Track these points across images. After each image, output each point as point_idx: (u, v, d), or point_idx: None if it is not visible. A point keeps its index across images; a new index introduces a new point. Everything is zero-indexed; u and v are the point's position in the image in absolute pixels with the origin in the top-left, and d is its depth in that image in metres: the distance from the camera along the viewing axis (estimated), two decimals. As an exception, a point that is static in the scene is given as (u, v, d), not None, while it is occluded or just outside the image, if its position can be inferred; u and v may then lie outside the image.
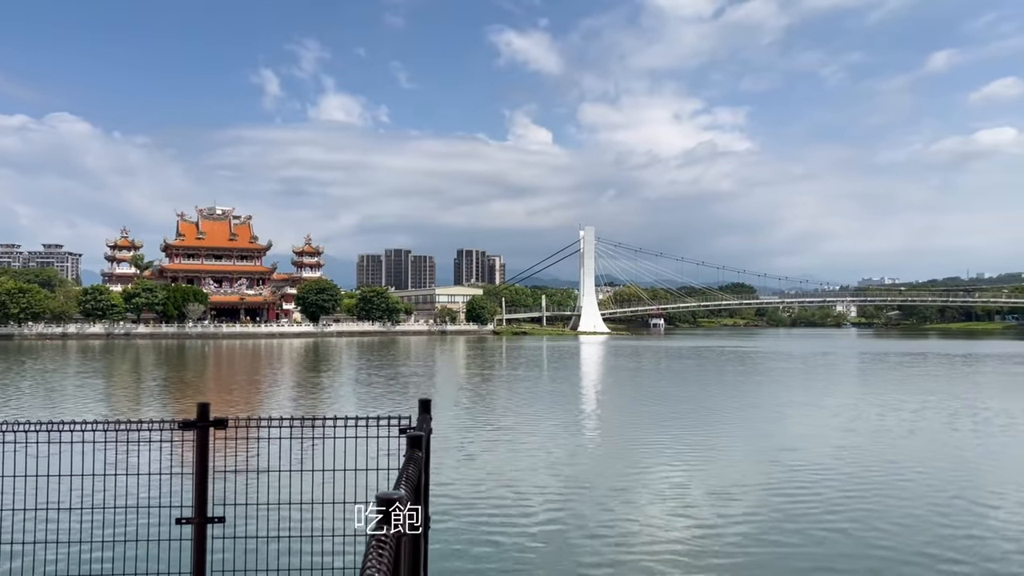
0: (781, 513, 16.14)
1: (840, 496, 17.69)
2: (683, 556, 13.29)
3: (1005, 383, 51.41)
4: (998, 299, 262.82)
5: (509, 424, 30.55)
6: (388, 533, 3.31)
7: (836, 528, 15.02)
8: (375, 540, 3.20)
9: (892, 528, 15.01)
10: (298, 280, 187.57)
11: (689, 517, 15.85)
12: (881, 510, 16.40)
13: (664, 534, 14.70)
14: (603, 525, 15.29)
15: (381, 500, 3.51)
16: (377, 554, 3.10)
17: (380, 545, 3.17)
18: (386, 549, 3.14)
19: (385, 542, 3.20)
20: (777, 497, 17.55)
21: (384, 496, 3.53)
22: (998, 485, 19.11)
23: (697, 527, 15.08)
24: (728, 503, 16.96)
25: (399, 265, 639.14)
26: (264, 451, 8.15)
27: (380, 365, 70.96)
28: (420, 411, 7.10)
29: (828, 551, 13.62)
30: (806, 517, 15.83)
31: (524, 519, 15.70)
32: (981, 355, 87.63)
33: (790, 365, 72.06)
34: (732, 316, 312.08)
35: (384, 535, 3.26)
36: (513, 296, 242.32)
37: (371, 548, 3.13)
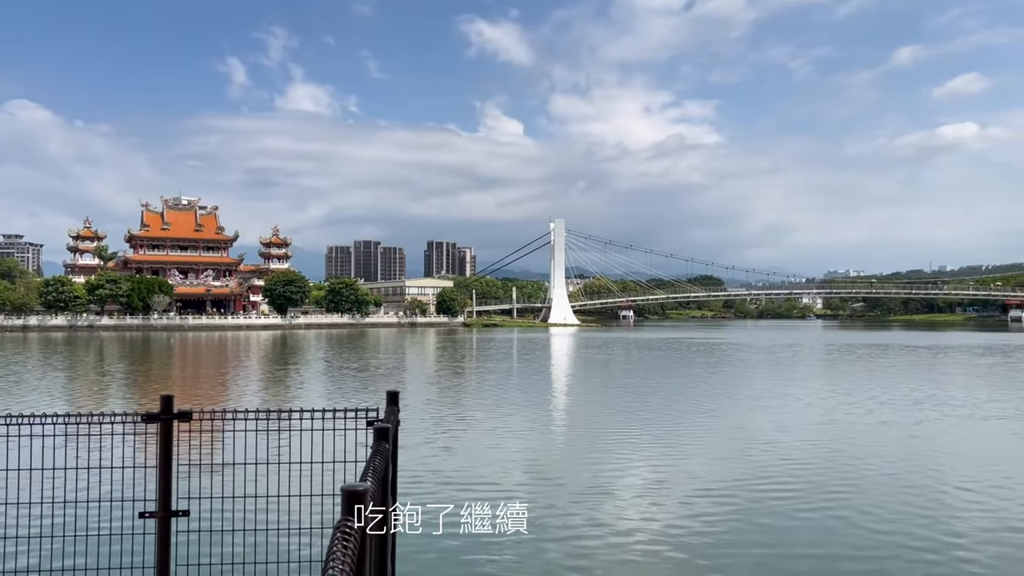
0: (750, 504, 16.33)
1: (810, 486, 17.95)
2: (654, 548, 13.41)
3: (970, 374, 52.48)
4: (960, 292, 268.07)
5: (479, 416, 30.57)
6: (353, 525, 3.29)
7: (807, 518, 15.24)
8: (340, 532, 3.17)
9: (864, 517, 15.27)
10: (266, 272, 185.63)
11: (660, 508, 15.99)
12: (850, 499, 16.67)
13: (634, 525, 14.81)
14: (573, 517, 15.37)
15: (346, 492, 3.49)
16: (342, 546, 3.07)
17: (345, 537, 3.14)
18: (351, 541, 3.11)
19: (350, 534, 3.18)
20: (746, 489, 17.76)
21: (349, 488, 3.51)
22: (963, 472, 19.52)
23: (667, 518, 15.21)
24: (699, 496, 17.12)
25: (368, 257, 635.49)
26: (230, 444, 8.07)
27: (349, 357, 70.57)
28: (388, 403, 7.07)
29: (800, 540, 13.82)
30: (776, 509, 16.04)
31: (494, 511, 15.71)
32: (944, 346, 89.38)
33: (757, 357, 72.93)
34: (700, 308, 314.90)
35: (349, 527, 3.23)
36: (484, 288, 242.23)
37: (336, 540, 3.11)
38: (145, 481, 7.76)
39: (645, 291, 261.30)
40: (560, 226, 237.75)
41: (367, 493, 3.57)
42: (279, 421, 7.43)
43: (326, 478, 6.86)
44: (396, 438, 7.02)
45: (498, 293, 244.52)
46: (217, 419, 7.66)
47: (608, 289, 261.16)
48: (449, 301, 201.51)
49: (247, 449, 7.32)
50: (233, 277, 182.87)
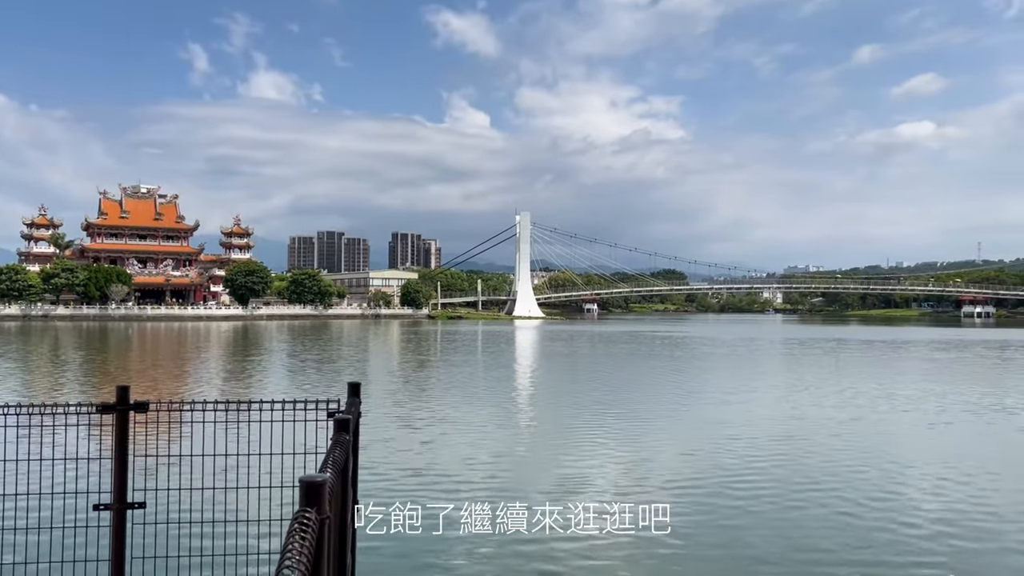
0: (716, 499, 16.54)
1: (772, 479, 18.24)
2: (618, 542, 13.53)
3: (929, 369, 53.66)
4: (915, 287, 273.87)
5: (442, 410, 30.54)
6: (311, 516, 3.27)
7: (769, 511, 15.49)
8: (298, 523, 3.15)
9: (825, 510, 15.55)
10: (227, 262, 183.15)
11: (625, 499, 16.13)
12: (812, 492, 16.96)
13: (599, 520, 14.92)
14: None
15: (305, 484, 3.46)
16: (300, 537, 3.05)
17: (303, 528, 3.13)
18: (309, 532, 3.10)
19: (308, 525, 3.16)
20: (712, 483, 17.99)
21: (308, 479, 3.48)
22: (919, 465, 19.98)
23: (633, 512, 15.35)
24: (661, 492, 17.30)
25: (332, 247, 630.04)
26: (188, 435, 7.97)
27: (311, 349, 70.00)
28: (349, 394, 7.04)
29: (762, 533, 14.04)
30: (741, 503, 16.27)
31: (456, 504, 15.73)
32: (904, 341, 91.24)
33: (720, 351, 73.83)
34: (663, 302, 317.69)
35: (307, 518, 3.22)
36: (449, 280, 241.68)
37: (293, 531, 3.09)
38: (100, 473, 7.64)
39: (609, 284, 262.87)
40: (526, 219, 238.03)
41: (326, 484, 3.55)
42: (238, 412, 7.36)
43: (286, 470, 6.81)
44: (357, 430, 6.99)
45: (463, 285, 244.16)
46: (175, 410, 7.57)
47: (573, 282, 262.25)
48: (414, 293, 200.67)
49: (205, 441, 7.23)
50: (193, 267, 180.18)
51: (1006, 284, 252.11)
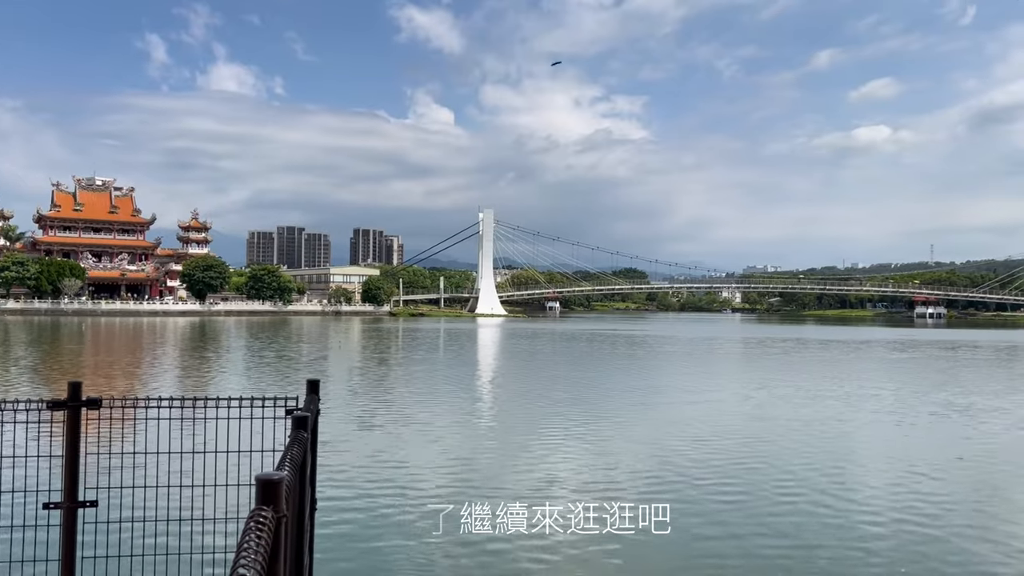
0: (678, 497, 16.71)
1: (730, 477, 18.48)
2: (574, 542, 13.59)
3: (886, 369, 54.78)
4: (870, 288, 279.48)
5: (403, 408, 30.43)
6: (268, 515, 3.23)
7: (730, 509, 15.69)
8: (253, 522, 3.11)
9: (778, 509, 15.79)
10: (184, 256, 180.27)
11: (583, 498, 16.21)
12: (767, 485, 17.22)
13: (554, 519, 14.98)
14: (494, 511, 15.45)
15: (261, 481, 3.42)
16: (255, 536, 3.01)
17: (259, 527, 3.09)
18: (264, 531, 3.06)
19: (264, 524, 3.12)
20: (674, 481, 18.16)
21: (264, 477, 3.44)
22: (874, 463, 20.40)
23: (592, 511, 15.44)
24: (618, 491, 17.43)
25: (292, 243, 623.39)
26: (143, 433, 7.82)
27: (269, 346, 69.20)
28: (308, 392, 6.97)
29: (719, 535, 14.21)
30: (701, 502, 16.45)
31: (417, 504, 15.70)
32: (860, 341, 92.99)
33: (681, 350, 74.59)
34: (624, 300, 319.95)
35: (263, 517, 3.18)
36: (411, 277, 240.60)
37: (249, 530, 3.05)
38: (50, 471, 7.47)
39: (571, 283, 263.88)
40: (489, 216, 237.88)
41: (282, 483, 3.50)
42: (194, 409, 7.25)
43: (243, 468, 6.72)
44: (316, 428, 6.92)
45: (426, 282, 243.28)
46: (129, 407, 7.41)
47: (535, 280, 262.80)
48: (375, 290, 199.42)
49: (160, 438, 7.11)
50: (150, 261, 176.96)
51: (956, 286, 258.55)
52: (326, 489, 15.42)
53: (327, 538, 12.61)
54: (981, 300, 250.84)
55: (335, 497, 15.34)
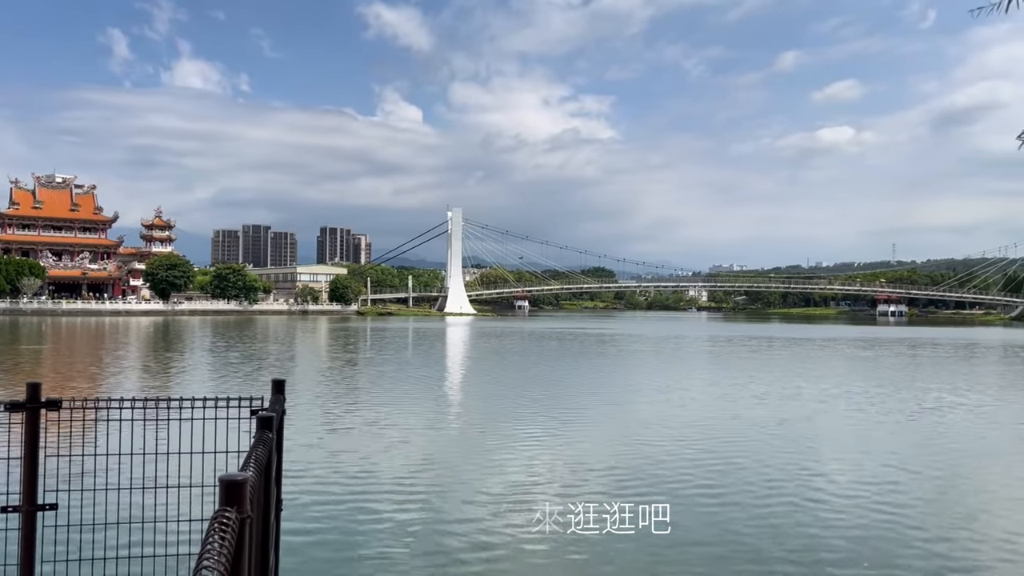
0: (649, 496, 16.83)
1: (696, 475, 18.66)
2: (545, 541, 13.65)
3: (855, 367, 55.64)
4: (833, 287, 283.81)
5: (371, 408, 30.28)
6: (232, 516, 3.20)
7: (694, 507, 15.84)
8: (217, 523, 3.09)
9: (749, 505, 15.98)
10: (147, 255, 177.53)
11: (552, 504, 16.28)
12: (735, 483, 17.42)
13: (524, 520, 15.02)
14: (461, 511, 15.46)
15: (225, 482, 3.39)
16: (219, 537, 2.99)
17: (222, 528, 3.06)
18: (228, 532, 3.03)
19: (228, 525, 3.09)
20: (644, 482, 18.29)
21: (228, 478, 3.41)
22: (839, 460, 20.71)
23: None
24: (586, 491, 17.51)
25: (258, 241, 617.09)
26: (104, 434, 7.69)
27: (234, 345, 68.42)
28: (273, 391, 6.90)
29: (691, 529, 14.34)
30: (671, 500, 16.58)
31: (382, 504, 15.65)
32: (826, 339, 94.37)
33: (649, 348, 75.12)
34: (593, 299, 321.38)
35: (227, 518, 3.15)
36: (379, 276, 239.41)
37: (212, 531, 3.02)
38: (8, 474, 7.32)
39: (540, 282, 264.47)
40: (457, 215, 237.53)
41: (247, 483, 3.47)
42: (157, 410, 7.14)
43: (207, 469, 6.64)
44: (281, 428, 6.86)
45: (394, 281, 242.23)
46: (90, 408, 7.29)
47: (504, 279, 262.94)
48: (343, 289, 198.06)
49: (123, 439, 7.00)
50: (112, 260, 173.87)
51: (918, 284, 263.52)
52: (293, 490, 15.30)
53: (294, 539, 12.51)
54: (941, 298, 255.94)
55: (303, 498, 15.22)
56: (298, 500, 14.88)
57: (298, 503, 14.68)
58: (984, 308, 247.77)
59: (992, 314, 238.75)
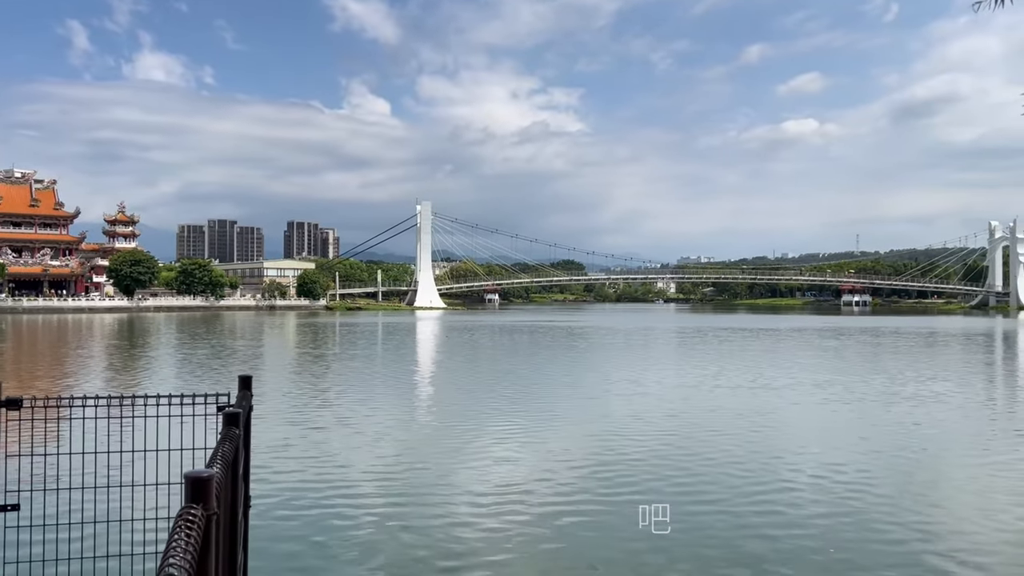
0: (608, 491, 16.95)
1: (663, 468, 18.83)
2: (519, 538, 13.69)
3: (824, 355, 56.41)
4: (799, 277, 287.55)
5: (340, 404, 30.11)
6: (197, 513, 3.18)
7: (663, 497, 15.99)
8: (183, 520, 3.06)
9: (717, 493, 16.16)
10: (111, 251, 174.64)
11: (520, 500, 16.34)
12: (703, 475, 17.61)
13: (493, 513, 15.06)
14: (430, 507, 15.46)
15: (190, 479, 3.37)
16: (185, 534, 2.97)
17: (188, 525, 3.04)
18: (194, 529, 3.01)
19: (193, 522, 3.07)
20: (605, 474, 18.40)
21: (193, 475, 3.39)
22: (810, 449, 21.03)
23: (524, 516, 15.57)
24: (557, 484, 17.59)
25: (224, 236, 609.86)
26: (67, 433, 7.58)
27: (201, 342, 67.61)
28: (240, 387, 6.84)
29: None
30: (637, 491, 16.71)
31: (353, 501, 15.59)
32: (798, 329, 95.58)
33: (621, 341, 75.53)
34: (563, 292, 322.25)
35: (192, 515, 3.13)
36: (347, 271, 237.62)
37: (178, 529, 3.00)
38: (-32, 475, 7.18)
39: (510, 275, 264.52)
40: (426, 209, 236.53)
41: (212, 480, 3.45)
42: (121, 408, 7.05)
43: (174, 467, 6.57)
44: (249, 424, 6.81)
45: (363, 276, 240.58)
46: (52, 407, 7.17)
47: (474, 272, 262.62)
48: (311, 284, 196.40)
49: (86, 438, 6.90)
50: (74, 256, 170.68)
51: (881, 274, 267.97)
52: (263, 487, 15.18)
53: (264, 536, 12.42)
54: (904, 288, 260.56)
55: (273, 495, 15.11)
56: (268, 497, 14.77)
57: (268, 500, 14.57)
58: (945, 297, 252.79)
59: (952, 303, 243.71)
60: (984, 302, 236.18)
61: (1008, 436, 22.79)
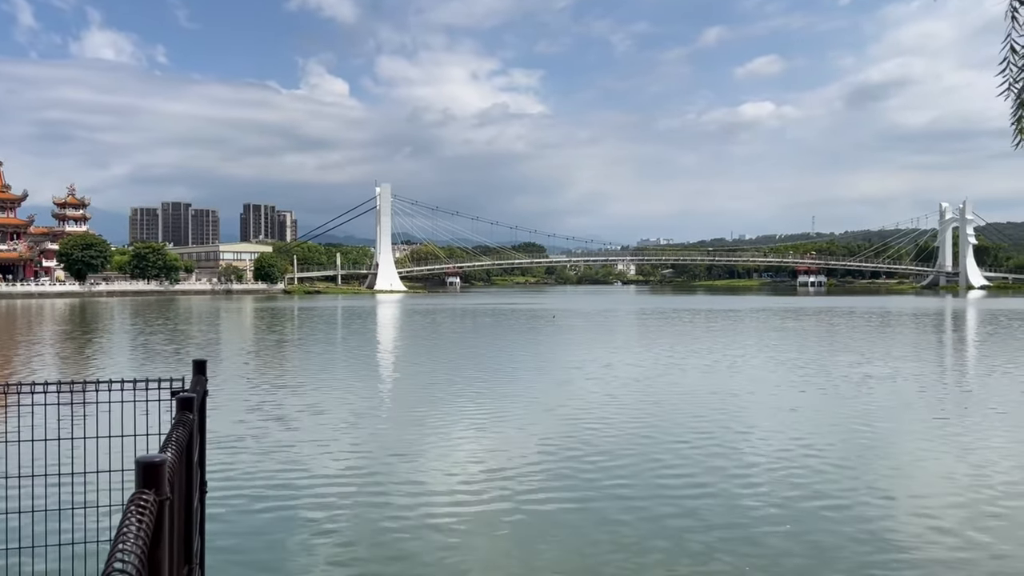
0: (568, 472, 17.08)
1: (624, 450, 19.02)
2: (482, 525, 13.74)
3: (791, 337, 57.33)
4: (756, 258, 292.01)
5: (299, 389, 29.85)
6: (149, 498, 3.13)
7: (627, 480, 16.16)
8: (134, 506, 3.01)
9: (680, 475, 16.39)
10: (61, 234, 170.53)
11: (478, 484, 16.39)
12: (658, 454, 17.83)
13: (450, 499, 15.10)
14: (390, 491, 15.45)
15: (142, 464, 3.31)
16: (137, 519, 2.92)
17: (140, 510, 2.99)
18: (146, 515, 2.97)
19: (145, 507, 3.02)
20: (581, 461, 18.52)
21: (145, 460, 3.33)
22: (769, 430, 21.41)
23: (493, 492, 15.63)
24: (517, 467, 17.68)
25: (178, 219, 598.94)
26: (15, 419, 7.40)
27: (155, 326, 66.43)
28: (194, 372, 6.74)
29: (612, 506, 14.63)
30: (600, 477, 16.86)
31: (312, 486, 15.51)
32: (753, 310, 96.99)
33: (581, 323, 75.95)
34: (524, 274, 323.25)
35: (144, 500, 3.08)
36: (306, 254, 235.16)
37: (129, 514, 2.95)
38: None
39: (472, 258, 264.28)
40: (386, 191, 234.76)
41: (165, 465, 3.40)
42: (72, 394, 6.91)
43: (127, 453, 6.45)
44: (204, 409, 6.72)
45: (321, 259, 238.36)
46: (0, 394, 6.99)
47: (435, 255, 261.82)
48: (268, 267, 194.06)
49: (36, 425, 6.75)
50: (22, 240, 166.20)
51: (835, 255, 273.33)
52: (220, 473, 15.01)
53: (221, 521, 12.30)
54: (858, 268, 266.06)
55: (230, 480, 14.96)
56: (225, 483, 14.62)
57: (225, 486, 14.42)
58: (897, 277, 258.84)
59: (904, 283, 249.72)
60: (935, 282, 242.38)
61: (961, 412, 23.44)
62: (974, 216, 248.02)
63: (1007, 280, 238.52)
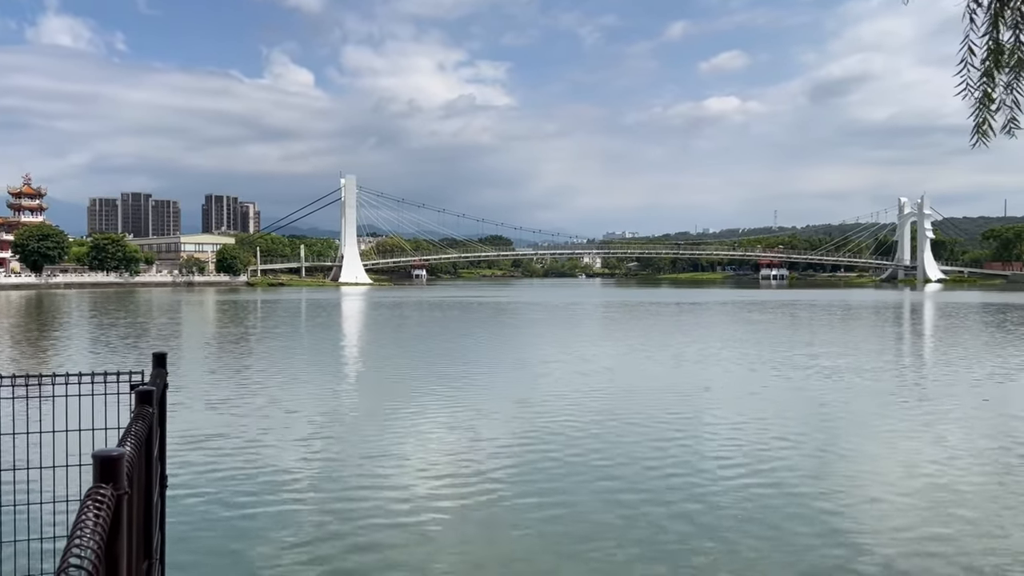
0: (531, 464, 17.15)
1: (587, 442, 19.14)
2: (449, 523, 13.74)
3: (760, 331, 58.01)
4: (719, 252, 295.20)
5: (262, 383, 29.55)
6: (106, 492, 3.08)
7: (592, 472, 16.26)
8: (91, 500, 2.96)
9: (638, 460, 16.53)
10: (16, 225, 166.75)
11: (444, 476, 16.39)
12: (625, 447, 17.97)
13: (412, 493, 15.09)
14: (355, 483, 15.40)
15: (99, 458, 3.26)
16: (94, 514, 2.87)
17: (96, 505, 2.94)
18: (103, 509, 2.92)
19: (102, 502, 2.98)
20: (535, 450, 18.59)
21: (102, 454, 3.28)
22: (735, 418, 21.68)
23: (457, 485, 15.64)
24: (485, 459, 17.71)
25: (138, 210, 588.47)
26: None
27: (114, 319, 65.27)
28: (154, 365, 6.64)
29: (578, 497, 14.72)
30: (560, 468, 16.94)
31: (274, 480, 15.39)
32: (717, 302, 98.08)
33: (548, 316, 76.20)
34: (491, 267, 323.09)
35: (101, 494, 3.03)
36: (269, 245, 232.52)
37: (86, 508, 2.90)
38: None
39: (438, 250, 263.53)
40: (351, 182, 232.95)
41: (122, 459, 3.34)
42: (27, 387, 6.76)
43: (85, 447, 6.34)
44: (164, 402, 6.62)
45: (285, 251, 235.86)
46: (-49, 388, 6.82)
47: (401, 248, 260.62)
48: (231, 259, 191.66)
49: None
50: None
51: (797, 249, 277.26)
52: (181, 467, 14.83)
53: (182, 515, 12.16)
54: (819, 262, 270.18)
55: (192, 475, 14.78)
56: (187, 477, 14.44)
57: (187, 480, 14.25)
58: (857, 271, 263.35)
59: (864, 276, 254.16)
60: (893, 275, 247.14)
61: (917, 401, 23.96)
62: (931, 211, 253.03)
63: (963, 274, 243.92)
